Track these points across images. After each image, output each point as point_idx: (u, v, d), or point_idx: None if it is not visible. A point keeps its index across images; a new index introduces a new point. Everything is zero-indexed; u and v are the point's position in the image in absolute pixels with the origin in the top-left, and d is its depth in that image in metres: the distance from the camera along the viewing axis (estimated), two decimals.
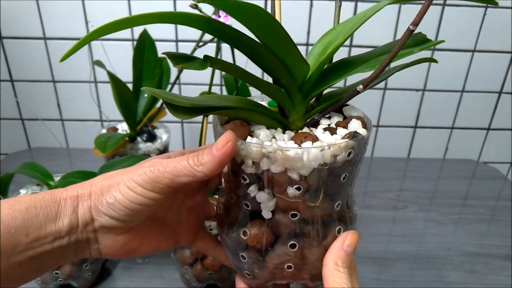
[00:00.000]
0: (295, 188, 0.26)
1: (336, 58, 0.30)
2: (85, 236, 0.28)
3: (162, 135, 0.65)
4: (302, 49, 0.77)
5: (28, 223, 0.25)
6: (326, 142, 0.27)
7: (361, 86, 0.27)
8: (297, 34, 0.76)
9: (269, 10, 0.30)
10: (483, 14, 0.76)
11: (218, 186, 0.36)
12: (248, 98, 0.31)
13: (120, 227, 0.28)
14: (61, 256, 0.27)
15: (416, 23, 0.23)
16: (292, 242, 0.29)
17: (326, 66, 0.30)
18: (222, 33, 0.24)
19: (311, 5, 0.74)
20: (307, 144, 0.26)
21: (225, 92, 0.61)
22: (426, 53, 0.79)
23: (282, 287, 0.34)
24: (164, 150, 0.63)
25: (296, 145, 0.26)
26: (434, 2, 0.75)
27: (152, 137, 0.62)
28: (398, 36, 0.28)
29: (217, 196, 0.41)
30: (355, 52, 0.79)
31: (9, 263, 0.25)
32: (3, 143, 0.88)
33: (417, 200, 0.73)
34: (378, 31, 0.77)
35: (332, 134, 0.28)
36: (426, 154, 0.90)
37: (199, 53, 0.52)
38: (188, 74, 0.80)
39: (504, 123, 0.87)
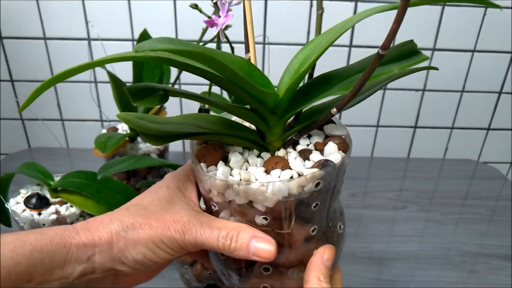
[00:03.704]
0: (262, 218, 0.26)
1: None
2: (100, 277, 0.27)
3: None
4: None
5: (31, 269, 0.24)
6: (296, 170, 0.26)
7: (335, 110, 0.26)
8: (297, 34, 0.76)
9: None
10: (483, 14, 0.76)
11: None
12: (227, 118, 0.31)
13: (142, 271, 0.28)
14: None
15: (385, 47, 0.22)
16: (265, 266, 0.29)
17: (303, 83, 0.29)
18: (183, 66, 0.24)
19: (311, 5, 0.74)
20: (275, 172, 0.26)
21: (225, 93, 0.61)
22: (427, 53, 0.79)
23: None
24: (164, 151, 0.63)
25: (265, 174, 0.26)
26: (434, 2, 0.75)
27: None
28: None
29: None
30: (355, 52, 0.79)
31: None
32: (3, 143, 0.88)
33: (417, 200, 0.73)
34: (378, 31, 0.77)
35: (304, 160, 0.27)
36: (426, 154, 0.90)
37: None
38: (189, 74, 0.80)
39: (504, 123, 0.87)
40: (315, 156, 0.27)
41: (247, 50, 0.30)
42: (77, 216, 0.48)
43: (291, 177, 0.25)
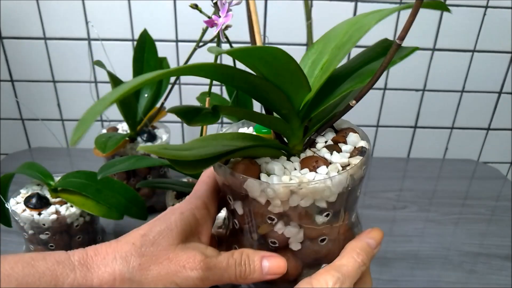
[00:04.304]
0: (324, 215, 0.27)
1: None
2: None
3: (162, 135, 0.65)
4: (302, 49, 0.77)
5: None
6: (339, 162, 0.27)
7: (354, 102, 0.28)
8: (297, 34, 0.76)
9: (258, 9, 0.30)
10: (483, 14, 0.76)
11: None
12: (243, 132, 0.31)
13: None
14: None
15: (402, 37, 0.24)
16: (324, 264, 0.29)
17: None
18: (231, 78, 0.25)
19: (311, 5, 0.74)
20: (322, 169, 0.26)
21: (225, 93, 0.61)
22: (427, 53, 0.79)
23: None
24: None
25: (313, 173, 0.27)
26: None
27: (152, 137, 0.62)
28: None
29: None
30: (355, 52, 0.79)
31: None
32: (3, 143, 0.88)
33: (417, 200, 0.73)
34: (378, 30, 0.76)
35: (338, 153, 0.28)
36: (426, 154, 0.90)
37: (199, 54, 0.52)
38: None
39: (504, 123, 0.87)
40: (347, 148, 0.29)
41: None
42: (77, 216, 0.48)
43: (338, 170, 0.26)
